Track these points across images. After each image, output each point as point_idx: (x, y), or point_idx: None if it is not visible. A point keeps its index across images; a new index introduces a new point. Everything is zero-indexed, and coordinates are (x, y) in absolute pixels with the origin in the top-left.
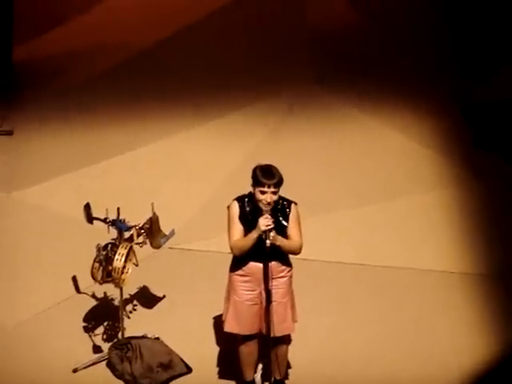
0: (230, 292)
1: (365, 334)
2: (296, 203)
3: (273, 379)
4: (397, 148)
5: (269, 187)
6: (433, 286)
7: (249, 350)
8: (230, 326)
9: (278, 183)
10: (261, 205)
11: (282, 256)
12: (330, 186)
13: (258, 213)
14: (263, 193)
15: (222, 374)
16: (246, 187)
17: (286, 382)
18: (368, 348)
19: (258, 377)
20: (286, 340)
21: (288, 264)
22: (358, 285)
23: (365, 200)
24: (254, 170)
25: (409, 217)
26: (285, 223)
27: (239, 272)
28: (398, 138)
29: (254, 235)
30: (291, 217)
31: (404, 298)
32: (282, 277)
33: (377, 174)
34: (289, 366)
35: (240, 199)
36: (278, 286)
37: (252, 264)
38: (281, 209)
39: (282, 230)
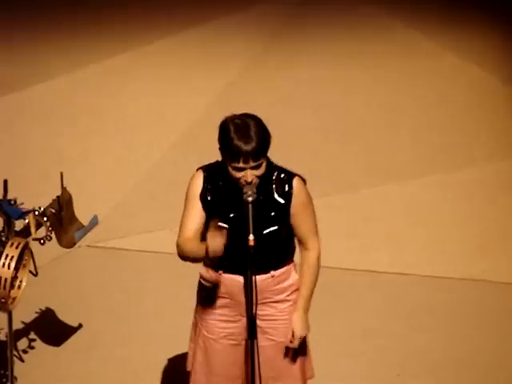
0: (198, 323)
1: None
2: (302, 177)
3: None
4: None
5: (246, 161)
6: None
7: None
8: (197, 379)
9: (260, 152)
10: (243, 186)
11: (282, 263)
12: (352, 150)
13: (234, 190)
14: (238, 169)
15: None
16: (210, 151)
17: None
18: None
19: None
20: None
21: (293, 278)
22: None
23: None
24: (223, 127)
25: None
26: (281, 203)
27: (211, 291)
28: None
29: (202, 253)
30: (295, 200)
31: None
32: (283, 300)
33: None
34: None
35: (207, 169)
36: (275, 315)
37: (230, 278)
38: (277, 187)
39: (279, 217)
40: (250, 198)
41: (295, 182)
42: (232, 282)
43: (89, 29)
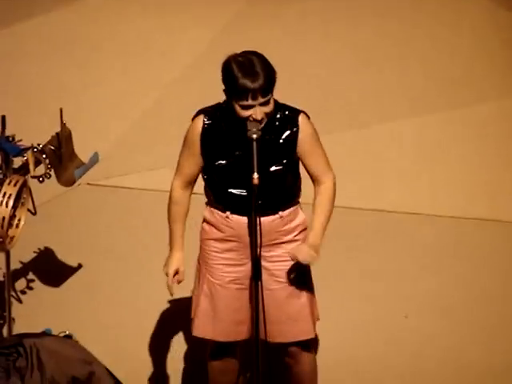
0: (202, 269)
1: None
2: (306, 113)
3: None
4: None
5: (254, 98)
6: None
7: (225, 367)
8: (201, 328)
9: (268, 87)
10: (248, 123)
11: (289, 203)
12: (361, 83)
13: (238, 131)
14: (247, 107)
15: None
16: (214, 87)
17: None
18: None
19: None
20: (310, 349)
21: (300, 218)
22: (401, 235)
23: (424, 105)
24: (227, 67)
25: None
26: (287, 140)
27: (216, 234)
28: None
29: (170, 244)
30: (303, 137)
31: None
32: (291, 241)
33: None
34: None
35: (208, 111)
36: (283, 256)
37: (237, 219)
38: (281, 125)
39: (286, 155)
40: (254, 135)
41: (300, 118)
42: (239, 223)
43: None
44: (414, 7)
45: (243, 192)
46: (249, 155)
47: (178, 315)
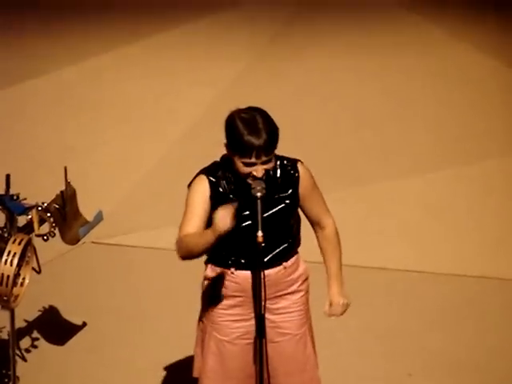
0: (207, 327)
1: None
2: (302, 161)
3: None
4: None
5: (258, 156)
6: None
7: None
8: None
9: (272, 145)
10: (252, 182)
11: (292, 253)
12: (367, 140)
13: (241, 187)
14: (249, 165)
15: None
16: (217, 146)
17: None
18: None
19: None
20: None
21: (301, 267)
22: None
23: (427, 162)
24: (231, 123)
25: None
26: (289, 190)
27: (221, 291)
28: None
29: (210, 236)
30: (303, 183)
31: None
32: (296, 291)
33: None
34: None
35: (211, 172)
36: (289, 307)
37: (242, 275)
38: (282, 176)
39: (290, 206)
40: (258, 194)
41: (299, 166)
42: (244, 278)
43: (93, 20)
44: (416, 66)
45: (248, 247)
46: (252, 212)
47: (181, 374)
